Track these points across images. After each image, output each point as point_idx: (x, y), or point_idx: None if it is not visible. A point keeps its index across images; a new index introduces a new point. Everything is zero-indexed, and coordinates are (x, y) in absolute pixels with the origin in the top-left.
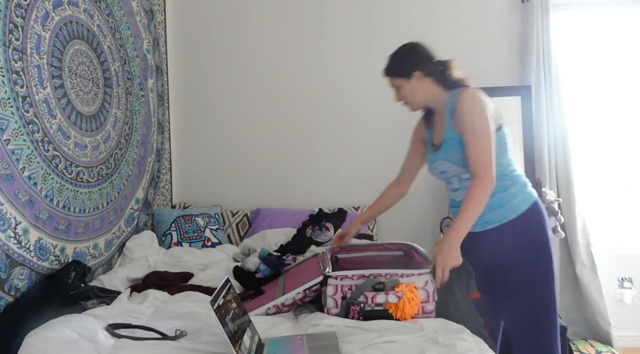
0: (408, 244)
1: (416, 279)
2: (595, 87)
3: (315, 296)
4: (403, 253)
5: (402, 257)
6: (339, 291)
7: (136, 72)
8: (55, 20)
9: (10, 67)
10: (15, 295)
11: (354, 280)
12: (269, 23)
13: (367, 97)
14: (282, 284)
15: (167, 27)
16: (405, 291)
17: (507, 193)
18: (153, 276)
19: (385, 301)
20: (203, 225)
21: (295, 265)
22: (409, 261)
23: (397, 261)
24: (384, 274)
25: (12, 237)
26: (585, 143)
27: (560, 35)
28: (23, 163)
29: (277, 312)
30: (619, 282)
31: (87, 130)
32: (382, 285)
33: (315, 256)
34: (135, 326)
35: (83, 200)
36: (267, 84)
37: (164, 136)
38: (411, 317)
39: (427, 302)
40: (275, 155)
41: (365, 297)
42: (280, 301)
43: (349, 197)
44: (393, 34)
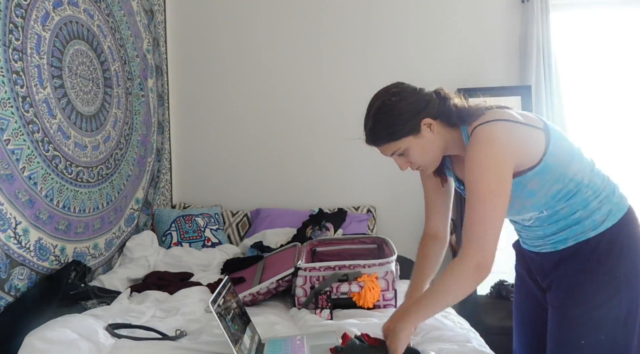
0: (380, 238)
1: (377, 269)
2: (595, 87)
3: (289, 286)
4: (376, 246)
5: (375, 249)
6: (307, 281)
7: (136, 72)
8: (55, 20)
9: (10, 67)
10: (15, 295)
11: (321, 272)
12: (269, 23)
13: (367, 97)
14: (260, 273)
15: (167, 27)
16: (367, 281)
17: (587, 209)
18: (153, 276)
19: (349, 290)
20: (203, 225)
21: (276, 252)
22: (381, 253)
23: (370, 253)
24: (348, 265)
25: (12, 237)
26: (585, 143)
27: (560, 35)
28: (23, 163)
29: (253, 299)
30: None
31: (87, 130)
32: (346, 276)
33: (294, 246)
34: (135, 326)
35: (83, 200)
36: (267, 84)
37: (164, 136)
38: (373, 304)
39: (387, 290)
40: (275, 155)
41: (330, 287)
42: (256, 289)
43: (349, 198)
44: (393, 35)
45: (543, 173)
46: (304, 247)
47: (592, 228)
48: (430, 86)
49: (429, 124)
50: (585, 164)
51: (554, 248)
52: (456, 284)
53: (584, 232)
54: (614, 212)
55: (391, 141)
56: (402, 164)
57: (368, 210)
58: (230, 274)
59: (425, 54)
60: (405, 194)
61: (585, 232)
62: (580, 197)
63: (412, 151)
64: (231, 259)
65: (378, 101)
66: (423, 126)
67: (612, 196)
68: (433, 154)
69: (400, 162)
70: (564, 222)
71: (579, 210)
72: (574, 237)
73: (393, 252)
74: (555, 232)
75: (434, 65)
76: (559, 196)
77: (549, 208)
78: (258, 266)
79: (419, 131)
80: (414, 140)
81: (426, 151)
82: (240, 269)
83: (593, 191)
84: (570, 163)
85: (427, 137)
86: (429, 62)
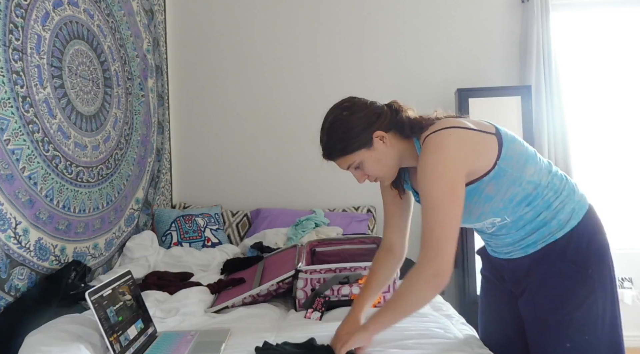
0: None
1: None
2: (595, 87)
3: (289, 288)
4: (376, 246)
5: (375, 249)
6: (308, 283)
7: (136, 72)
8: (55, 20)
9: (10, 67)
10: (15, 295)
11: (322, 274)
12: (269, 23)
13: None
14: (260, 274)
15: (167, 27)
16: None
17: (550, 210)
18: (153, 276)
19: (349, 292)
20: (203, 225)
21: (275, 253)
22: None
23: (370, 253)
24: (349, 267)
25: (12, 237)
26: (585, 143)
27: (560, 35)
28: (23, 163)
29: (253, 301)
30: (619, 282)
31: (87, 130)
32: (347, 279)
33: (294, 246)
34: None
35: (83, 200)
36: (267, 84)
37: (164, 136)
38: (374, 306)
39: (387, 292)
40: (275, 155)
41: (331, 289)
42: (256, 291)
43: (349, 197)
44: (393, 35)
45: (498, 177)
46: (304, 247)
47: (558, 228)
48: (430, 86)
49: (381, 136)
50: (541, 166)
51: (525, 253)
52: (414, 295)
53: (552, 233)
54: (577, 210)
55: (345, 155)
56: (359, 176)
57: (368, 210)
58: (230, 275)
59: (425, 54)
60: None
61: (552, 233)
62: (542, 199)
63: (367, 164)
64: (231, 260)
65: (331, 116)
66: (375, 138)
67: (573, 194)
68: (388, 165)
69: (357, 175)
70: (530, 226)
71: (542, 211)
72: (542, 240)
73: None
74: (524, 236)
75: (434, 66)
76: (516, 199)
77: (511, 214)
78: (258, 267)
79: (371, 144)
80: (367, 153)
81: (381, 163)
82: (240, 269)
83: (553, 192)
84: (525, 166)
85: (380, 149)
86: (429, 62)
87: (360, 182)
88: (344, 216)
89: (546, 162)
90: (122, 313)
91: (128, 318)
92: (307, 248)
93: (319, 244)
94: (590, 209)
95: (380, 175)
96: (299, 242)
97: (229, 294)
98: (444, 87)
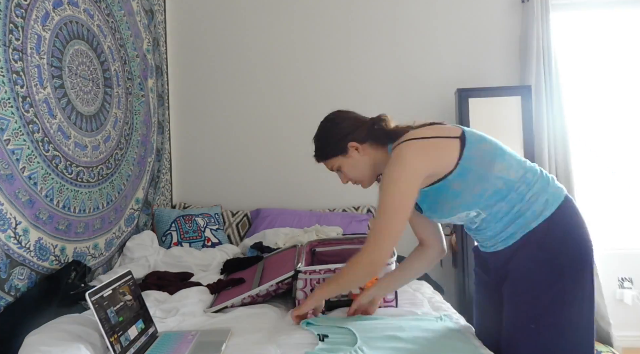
0: None
1: None
2: (595, 87)
3: (288, 288)
4: None
5: None
6: (308, 284)
7: (136, 72)
8: (55, 20)
9: (10, 67)
10: (15, 295)
11: (321, 274)
12: (269, 23)
13: (368, 97)
14: (259, 275)
15: (167, 27)
16: (367, 283)
17: (524, 202)
18: (153, 276)
19: (349, 293)
20: (203, 225)
21: (275, 253)
22: None
23: None
24: None
25: (12, 237)
26: (585, 143)
27: (560, 35)
28: (23, 163)
29: (252, 301)
30: (619, 282)
31: (87, 130)
32: None
33: (294, 247)
34: None
35: (83, 200)
36: (267, 84)
37: (164, 136)
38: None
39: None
40: (275, 155)
41: None
42: (255, 292)
43: (349, 198)
44: (393, 35)
45: (463, 175)
46: (303, 247)
47: (533, 218)
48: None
49: (355, 146)
50: (511, 162)
51: (506, 244)
52: (352, 275)
53: (528, 223)
54: (551, 201)
55: (325, 159)
56: (341, 178)
57: (368, 210)
58: (230, 275)
59: (426, 54)
60: None
61: (528, 223)
62: (515, 193)
63: (344, 168)
64: (231, 260)
65: (320, 124)
66: (350, 147)
67: (547, 186)
68: (363, 171)
69: (340, 177)
70: (507, 218)
71: (516, 204)
72: (520, 230)
73: (393, 253)
74: (503, 229)
75: (434, 66)
76: (487, 193)
77: (486, 208)
78: (258, 267)
79: (346, 152)
80: (343, 159)
81: (356, 168)
82: (240, 269)
83: (526, 185)
84: (492, 163)
85: (354, 157)
86: (429, 62)
87: (343, 183)
88: (344, 216)
89: (518, 158)
90: (122, 313)
91: (129, 318)
92: (307, 248)
93: (318, 244)
94: (566, 200)
95: (358, 179)
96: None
97: (229, 294)
98: (444, 87)
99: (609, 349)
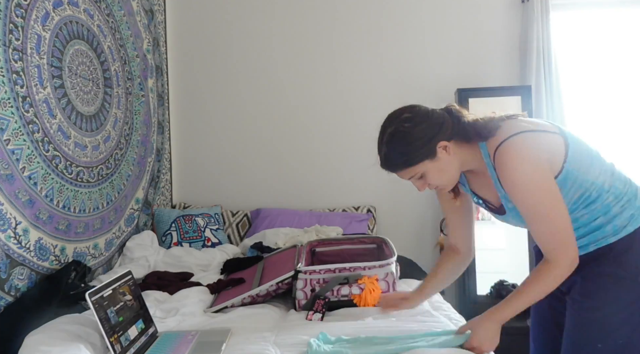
0: (380, 238)
1: (378, 271)
2: (594, 87)
3: (288, 288)
4: (376, 246)
5: (375, 249)
6: (308, 284)
7: (136, 72)
8: (55, 20)
9: (10, 67)
10: (15, 295)
11: (321, 274)
12: (269, 23)
13: (368, 96)
14: (260, 274)
15: (167, 27)
16: (367, 283)
17: (609, 215)
18: (153, 276)
19: (349, 293)
20: (203, 225)
21: (275, 253)
22: (380, 253)
23: (370, 253)
24: (348, 267)
25: (12, 237)
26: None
27: (560, 35)
28: (23, 163)
29: (252, 301)
30: None
31: (87, 130)
32: (347, 279)
33: (294, 247)
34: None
35: (83, 200)
36: (267, 84)
37: (164, 136)
38: (374, 306)
39: (387, 292)
40: (275, 155)
41: (331, 290)
42: (255, 292)
43: (349, 197)
44: (393, 35)
45: (565, 180)
46: (303, 247)
47: (613, 233)
48: (430, 86)
49: (445, 146)
50: (605, 167)
51: None
52: (549, 284)
53: (605, 237)
54: (637, 216)
55: (408, 167)
56: (420, 186)
57: (368, 210)
58: (230, 275)
59: (426, 54)
60: (405, 194)
61: (606, 238)
62: (601, 203)
63: (430, 174)
64: (231, 260)
65: (391, 128)
66: (439, 149)
67: (634, 199)
68: (450, 174)
69: (418, 185)
70: (585, 229)
71: (599, 216)
72: (595, 243)
73: (393, 253)
74: (577, 238)
75: (434, 66)
76: (579, 201)
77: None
78: (258, 267)
79: (435, 155)
80: (431, 164)
81: (444, 172)
82: (240, 269)
83: (615, 196)
84: (590, 167)
85: (443, 159)
86: (429, 62)
87: (421, 191)
88: (344, 216)
89: (609, 162)
90: (122, 313)
91: (129, 318)
92: (307, 248)
93: (318, 244)
94: None
95: (443, 184)
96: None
97: (229, 294)
98: (444, 87)
99: None
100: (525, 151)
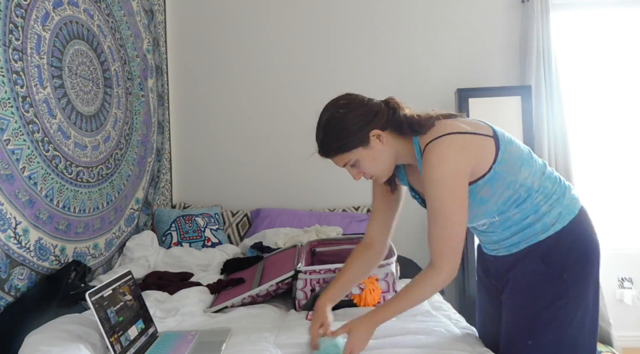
0: None
1: (378, 271)
2: (595, 87)
3: (288, 288)
4: None
5: None
6: (308, 284)
7: (136, 72)
8: (55, 20)
9: (10, 67)
10: (15, 295)
11: (321, 274)
12: (269, 23)
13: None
14: (260, 274)
15: (167, 27)
16: (367, 283)
17: (538, 214)
18: (153, 276)
19: (349, 293)
20: (203, 225)
21: (275, 253)
22: None
23: None
24: None
25: (12, 237)
26: (585, 143)
27: (560, 35)
28: (23, 163)
29: (252, 301)
30: (619, 282)
31: (87, 130)
32: None
33: (294, 247)
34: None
35: (83, 200)
36: (267, 84)
37: (164, 136)
38: (374, 306)
39: (387, 292)
40: (276, 155)
41: None
42: (255, 292)
43: (349, 197)
44: (393, 35)
45: (493, 181)
46: (303, 247)
47: (542, 231)
48: (430, 86)
49: (378, 135)
50: (535, 168)
51: (508, 252)
52: (427, 290)
53: (535, 235)
54: (564, 214)
55: (341, 153)
56: (354, 174)
57: (368, 210)
58: (230, 275)
59: (426, 54)
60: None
61: (536, 235)
62: (531, 203)
63: (363, 162)
64: (231, 260)
65: (327, 114)
66: (372, 137)
67: (562, 198)
68: (383, 164)
69: (353, 173)
70: (516, 227)
71: (530, 215)
72: (525, 241)
73: (393, 253)
74: (508, 236)
75: (434, 66)
76: (509, 202)
77: (501, 214)
78: (258, 267)
79: (368, 142)
80: (364, 151)
81: (377, 161)
82: (240, 269)
83: (544, 196)
84: (520, 169)
85: (376, 148)
86: (429, 62)
87: (356, 180)
88: (344, 216)
89: (541, 163)
90: (122, 313)
91: (129, 318)
92: (307, 248)
93: (318, 244)
94: (580, 213)
95: (376, 173)
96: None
97: (229, 294)
98: (444, 87)
99: (609, 350)
100: (448, 152)
